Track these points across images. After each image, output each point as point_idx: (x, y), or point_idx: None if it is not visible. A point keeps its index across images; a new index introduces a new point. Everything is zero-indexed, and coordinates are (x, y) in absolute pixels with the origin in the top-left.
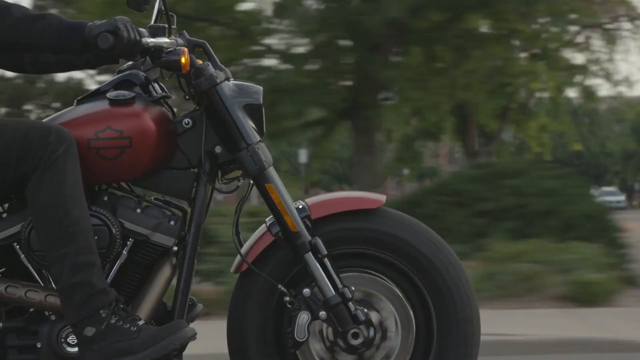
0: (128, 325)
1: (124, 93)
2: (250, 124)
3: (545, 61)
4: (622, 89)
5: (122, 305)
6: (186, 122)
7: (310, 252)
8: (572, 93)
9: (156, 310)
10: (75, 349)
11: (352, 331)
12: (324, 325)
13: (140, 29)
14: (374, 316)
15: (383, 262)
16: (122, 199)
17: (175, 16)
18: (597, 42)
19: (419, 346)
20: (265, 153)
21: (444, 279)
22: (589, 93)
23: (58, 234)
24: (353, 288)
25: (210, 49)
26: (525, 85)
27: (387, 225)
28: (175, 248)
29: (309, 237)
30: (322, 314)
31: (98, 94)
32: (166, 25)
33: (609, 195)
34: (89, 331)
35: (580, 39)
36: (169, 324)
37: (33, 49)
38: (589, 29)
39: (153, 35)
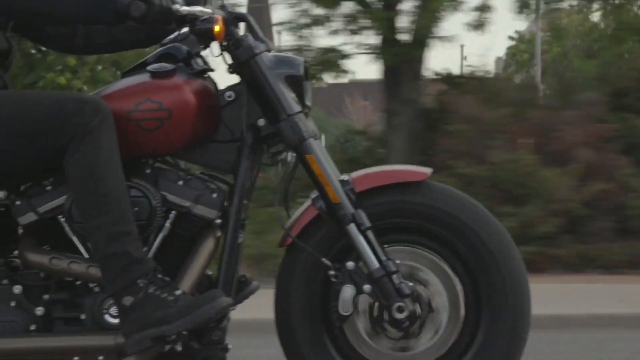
0: (165, 294)
1: (165, 65)
2: (290, 95)
3: None
4: None
5: (160, 275)
6: (228, 95)
7: (353, 224)
8: None
9: (199, 282)
10: (117, 321)
11: (396, 305)
12: (370, 299)
13: None
14: (420, 290)
15: (429, 236)
16: (165, 172)
17: None
18: None
19: (468, 321)
20: (305, 124)
21: (491, 252)
22: None
23: (93, 204)
24: (398, 261)
25: (252, 20)
26: None
27: (433, 198)
28: (219, 221)
29: (351, 209)
30: (367, 287)
31: (141, 67)
32: None
33: None
34: (127, 300)
35: None
36: (205, 293)
37: (65, 20)
38: None
39: (189, 4)
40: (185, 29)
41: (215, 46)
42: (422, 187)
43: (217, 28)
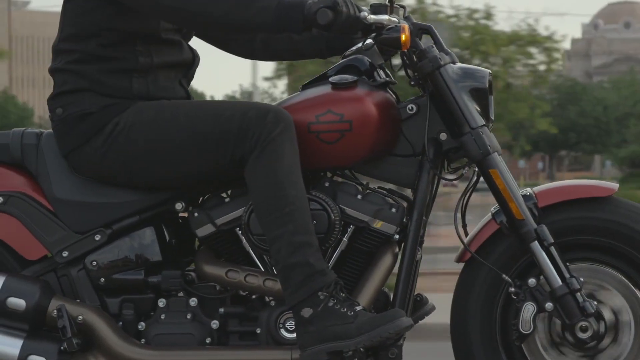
0: (345, 309)
1: (346, 77)
2: (475, 108)
3: None
4: None
5: (341, 289)
6: (410, 108)
7: (536, 241)
8: None
9: (376, 299)
10: (293, 335)
11: (580, 324)
12: (551, 318)
13: (361, 7)
14: (605, 310)
15: (615, 254)
16: (343, 185)
17: None
18: None
19: None
20: (490, 138)
21: None
22: None
23: (275, 214)
24: (582, 279)
25: (436, 32)
26: None
27: (620, 215)
28: (397, 236)
29: (534, 225)
30: (549, 305)
31: (322, 79)
32: (388, 4)
33: None
34: (306, 312)
35: None
36: (386, 311)
37: (253, 28)
38: None
39: (374, 13)
40: (369, 41)
41: (396, 58)
42: (608, 203)
43: (403, 37)
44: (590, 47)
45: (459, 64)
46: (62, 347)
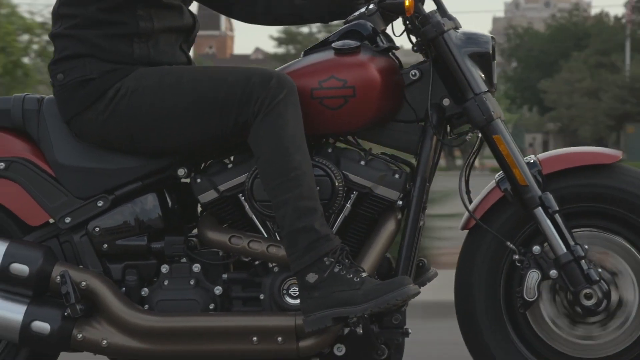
0: (351, 275)
1: (349, 42)
2: (478, 74)
3: None
4: None
5: (346, 255)
6: (413, 74)
7: (540, 207)
8: None
9: (380, 265)
10: (297, 301)
11: (584, 291)
12: (555, 285)
13: None
14: (609, 276)
15: (620, 222)
16: (346, 152)
17: None
18: None
19: None
20: (493, 104)
21: None
22: None
23: (280, 179)
24: (586, 246)
25: None
26: None
27: (625, 182)
28: (400, 202)
29: (539, 192)
30: (553, 272)
31: (325, 45)
32: None
33: None
34: (311, 277)
35: None
36: (392, 279)
37: None
38: None
39: None
40: (371, 6)
41: (398, 24)
42: (614, 170)
43: (407, 2)
44: (511, 26)
45: (461, 29)
46: (65, 313)
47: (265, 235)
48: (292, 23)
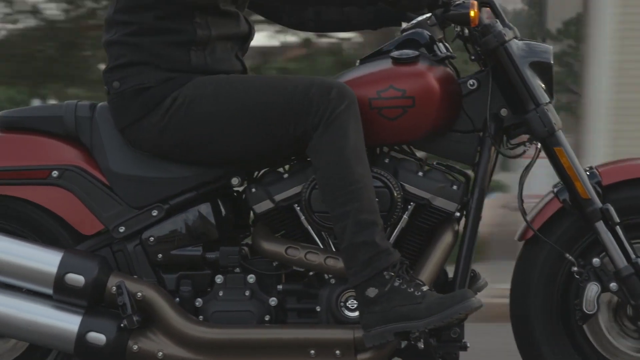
0: (412, 289)
1: (408, 52)
2: (539, 84)
3: None
4: None
5: (406, 269)
6: (471, 83)
7: (601, 220)
8: None
9: (437, 277)
10: (354, 314)
11: None
12: (615, 298)
13: None
14: None
15: None
16: (404, 162)
17: None
18: None
19: None
20: (554, 115)
21: None
22: None
23: (340, 191)
24: None
25: (498, 6)
26: None
27: None
28: (458, 214)
29: (600, 204)
30: (613, 285)
31: (381, 54)
32: None
33: None
34: (371, 292)
35: None
36: (454, 292)
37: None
38: None
39: None
40: (427, 15)
41: (453, 33)
42: None
43: (472, 13)
44: None
45: (522, 40)
46: (121, 324)
47: (321, 246)
48: (341, 30)
